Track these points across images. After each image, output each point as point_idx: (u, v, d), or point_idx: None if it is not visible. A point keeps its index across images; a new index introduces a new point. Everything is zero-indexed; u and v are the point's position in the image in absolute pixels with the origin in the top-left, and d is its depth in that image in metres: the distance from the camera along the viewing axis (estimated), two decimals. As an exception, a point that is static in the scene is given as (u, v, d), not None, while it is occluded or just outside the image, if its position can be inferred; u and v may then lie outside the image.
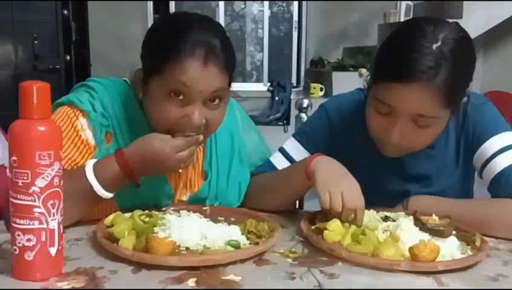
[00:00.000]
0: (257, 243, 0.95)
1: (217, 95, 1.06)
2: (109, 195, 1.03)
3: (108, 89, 1.15)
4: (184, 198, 1.21)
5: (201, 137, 1.06)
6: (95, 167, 1.02)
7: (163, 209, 1.12)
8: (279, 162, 1.29)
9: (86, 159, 1.09)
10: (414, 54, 1.02)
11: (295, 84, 5.70)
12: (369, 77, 1.16)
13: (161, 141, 1.03)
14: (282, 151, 1.31)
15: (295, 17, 5.86)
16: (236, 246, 0.93)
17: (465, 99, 1.13)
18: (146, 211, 1.01)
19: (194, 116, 1.04)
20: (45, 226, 0.78)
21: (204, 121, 1.06)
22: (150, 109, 1.09)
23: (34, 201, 0.77)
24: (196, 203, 1.19)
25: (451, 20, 1.10)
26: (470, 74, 1.10)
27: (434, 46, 1.02)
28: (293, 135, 1.34)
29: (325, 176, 1.05)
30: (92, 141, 1.10)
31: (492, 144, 1.17)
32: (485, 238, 1.01)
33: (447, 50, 1.02)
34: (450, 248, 0.95)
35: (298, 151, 1.29)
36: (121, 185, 1.04)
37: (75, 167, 1.08)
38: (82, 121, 1.10)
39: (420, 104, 1.04)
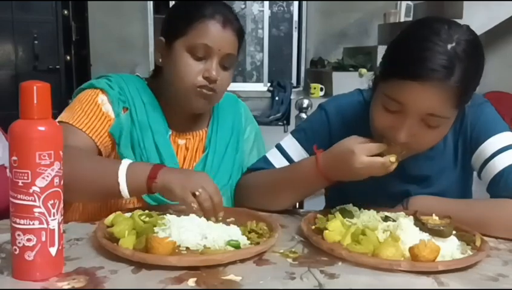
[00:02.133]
0: (257, 243, 0.95)
1: (231, 55, 1.23)
2: (129, 198, 1.08)
3: (122, 76, 1.31)
4: None
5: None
6: (129, 169, 1.06)
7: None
8: (276, 159, 1.30)
9: (106, 128, 1.22)
10: (428, 52, 1.01)
11: (295, 84, 5.70)
12: (375, 76, 1.15)
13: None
14: (279, 148, 1.31)
15: (295, 17, 5.86)
16: (236, 246, 0.93)
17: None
18: (146, 211, 1.02)
19: (212, 70, 1.20)
20: (45, 226, 0.78)
21: (219, 77, 1.21)
22: (173, 67, 1.23)
23: (34, 201, 0.77)
24: None
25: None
26: (480, 76, 1.09)
27: (449, 46, 1.01)
28: (292, 133, 1.34)
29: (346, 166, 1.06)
30: (112, 114, 1.24)
31: (491, 145, 1.17)
32: (485, 238, 1.01)
33: (461, 51, 1.02)
34: (450, 248, 0.95)
35: (296, 149, 1.29)
36: (144, 193, 1.09)
37: (98, 135, 1.20)
38: (102, 97, 1.25)
39: (432, 103, 1.03)
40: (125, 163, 1.07)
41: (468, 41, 1.04)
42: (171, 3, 5.57)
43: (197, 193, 1.02)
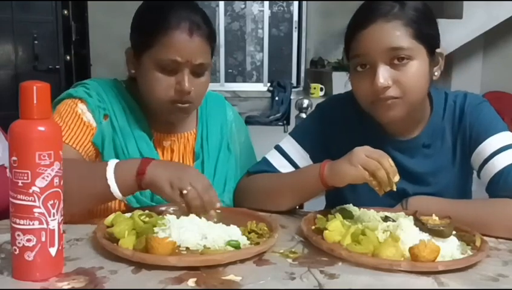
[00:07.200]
0: (257, 243, 0.95)
1: (203, 64, 1.18)
2: (123, 197, 1.06)
3: (99, 82, 1.28)
4: None
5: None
6: (116, 168, 1.04)
7: (163, 209, 1.12)
8: (276, 160, 1.30)
9: (89, 138, 1.20)
10: (372, 3, 1.14)
11: (295, 84, 5.69)
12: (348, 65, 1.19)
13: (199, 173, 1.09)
14: (278, 149, 1.32)
15: (295, 17, 5.85)
16: (236, 246, 0.93)
17: (443, 50, 1.16)
18: (146, 211, 1.02)
19: (184, 83, 1.16)
20: (45, 226, 0.78)
21: (192, 88, 1.17)
22: (144, 82, 1.20)
23: (34, 201, 0.77)
24: None
25: (450, 20, 1.11)
26: (432, 17, 1.15)
27: None
28: (290, 133, 1.35)
29: (343, 173, 1.06)
30: (93, 123, 1.21)
31: (490, 144, 1.17)
32: (485, 238, 1.01)
33: None
34: (450, 248, 0.95)
35: (295, 149, 1.30)
36: (136, 190, 1.07)
37: (82, 145, 1.18)
38: (81, 106, 1.22)
39: (389, 37, 1.09)
40: (112, 163, 1.04)
41: None
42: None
43: (184, 192, 1.01)
